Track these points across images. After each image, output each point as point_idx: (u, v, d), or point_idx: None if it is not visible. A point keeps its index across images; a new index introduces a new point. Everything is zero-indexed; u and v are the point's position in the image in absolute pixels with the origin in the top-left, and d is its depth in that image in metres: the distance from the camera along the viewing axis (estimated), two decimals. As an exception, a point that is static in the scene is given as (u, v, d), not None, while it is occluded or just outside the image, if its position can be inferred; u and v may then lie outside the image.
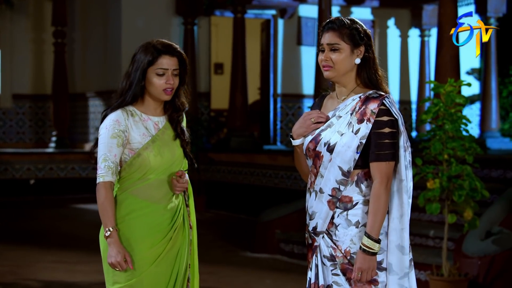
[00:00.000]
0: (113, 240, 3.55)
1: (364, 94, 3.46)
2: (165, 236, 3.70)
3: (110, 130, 3.61)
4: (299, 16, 15.26)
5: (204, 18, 15.07)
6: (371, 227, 3.36)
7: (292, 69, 15.29)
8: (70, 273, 7.93)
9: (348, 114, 3.45)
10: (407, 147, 3.45)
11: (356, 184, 3.44)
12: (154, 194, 3.68)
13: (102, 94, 15.55)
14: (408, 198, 3.45)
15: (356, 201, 3.43)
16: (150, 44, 3.72)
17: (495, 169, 8.36)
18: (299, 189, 11.16)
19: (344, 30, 3.44)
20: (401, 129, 3.43)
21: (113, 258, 3.55)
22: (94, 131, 15.68)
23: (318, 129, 3.51)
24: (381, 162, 3.38)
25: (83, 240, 10.04)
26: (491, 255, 6.92)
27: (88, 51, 16.10)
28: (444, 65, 9.44)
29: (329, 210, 3.45)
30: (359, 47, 3.45)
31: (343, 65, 3.45)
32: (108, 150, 3.59)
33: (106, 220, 3.57)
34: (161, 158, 3.67)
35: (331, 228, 3.46)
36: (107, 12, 15.30)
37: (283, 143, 15.19)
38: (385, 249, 3.43)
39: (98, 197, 3.60)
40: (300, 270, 8.42)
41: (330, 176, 3.44)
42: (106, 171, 3.58)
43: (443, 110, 6.62)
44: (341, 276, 3.44)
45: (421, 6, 15.19)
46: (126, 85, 3.67)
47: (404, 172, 3.43)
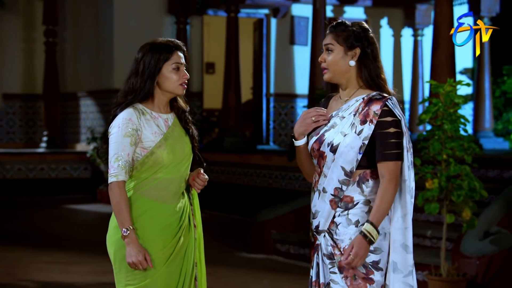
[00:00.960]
0: (132, 240, 3.54)
1: (367, 96, 3.52)
2: (175, 236, 3.71)
3: (123, 128, 3.58)
4: (292, 16, 15.24)
5: (197, 17, 15.04)
6: (374, 215, 3.42)
7: (285, 68, 15.27)
8: (66, 273, 7.87)
9: (351, 115, 3.52)
10: (409, 148, 3.51)
11: (358, 184, 3.50)
12: (163, 194, 3.67)
13: (93, 94, 15.49)
14: (411, 198, 3.51)
15: (357, 201, 3.49)
16: (158, 42, 3.70)
17: (491, 169, 8.35)
18: (293, 189, 11.14)
19: (340, 32, 3.54)
20: (404, 130, 3.49)
21: (133, 258, 3.53)
22: (85, 131, 15.61)
23: (323, 129, 3.57)
24: (389, 161, 3.44)
25: (78, 241, 9.99)
26: (490, 255, 6.91)
27: (80, 51, 16.03)
28: (440, 64, 9.45)
29: (331, 210, 3.51)
30: (354, 49, 3.52)
31: (336, 66, 3.54)
32: (121, 149, 3.57)
33: (123, 219, 3.55)
34: (173, 156, 3.68)
35: (332, 227, 3.52)
36: (98, 11, 15.24)
37: (276, 143, 15.17)
38: (383, 250, 3.49)
39: (112, 196, 3.56)
40: (297, 270, 8.40)
41: (333, 176, 3.50)
42: (120, 170, 3.56)
43: (442, 110, 6.60)
44: (338, 274, 3.49)
45: (414, 5, 15.20)
46: (138, 83, 3.65)
47: (407, 172, 3.50)
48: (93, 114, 15.50)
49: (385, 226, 3.48)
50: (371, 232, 3.40)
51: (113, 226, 3.69)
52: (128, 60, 14.69)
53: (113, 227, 3.69)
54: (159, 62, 3.65)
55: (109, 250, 3.73)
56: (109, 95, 14.80)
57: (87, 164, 15.02)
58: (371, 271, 3.47)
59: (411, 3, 15.20)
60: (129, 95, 3.66)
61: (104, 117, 15.03)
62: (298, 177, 11.12)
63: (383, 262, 3.50)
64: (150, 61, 3.64)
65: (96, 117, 15.37)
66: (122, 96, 3.69)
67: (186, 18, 14.65)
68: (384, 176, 3.44)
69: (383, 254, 3.49)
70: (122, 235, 3.55)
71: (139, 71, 3.65)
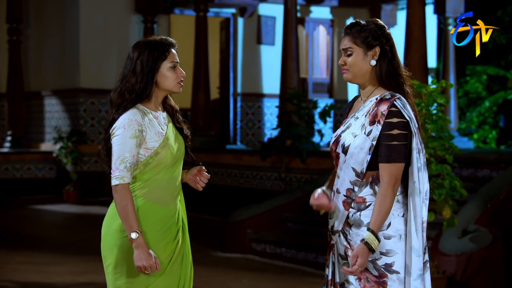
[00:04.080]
0: (141, 243, 3.46)
1: (380, 96, 3.48)
2: (175, 239, 3.67)
3: (128, 130, 3.50)
4: (259, 15, 15.26)
5: (164, 16, 14.99)
6: (373, 223, 3.38)
7: (252, 68, 15.28)
8: (43, 274, 7.78)
9: (363, 115, 3.49)
10: (421, 149, 3.46)
11: (371, 186, 3.46)
12: (162, 196, 3.62)
13: (59, 93, 15.33)
14: (420, 200, 3.44)
15: (369, 202, 3.45)
16: (153, 40, 3.63)
17: (465, 168, 8.46)
18: (265, 189, 11.16)
19: (357, 33, 3.50)
20: (414, 131, 3.44)
21: (144, 261, 3.45)
22: (50, 130, 15.44)
23: (340, 130, 3.56)
24: (390, 163, 3.40)
25: (49, 241, 9.88)
26: (468, 253, 7.00)
27: (44, 49, 15.84)
28: (412, 65, 9.49)
29: (344, 210, 3.48)
30: (373, 48, 3.48)
31: (357, 68, 3.50)
32: (127, 150, 3.49)
33: (131, 223, 3.46)
34: (173, 155, 3.63)
35: (346, 227, 3.49)
36: (64, 9, 15.08)
37: (243, 143, 15.17)
38: (398, 252, 3.44)
39: (119, 199, 3.48)
40: (274, 269, 8.42)
41: (345, 177, 3.49)
42: (126, 173, 3.48)
43: (424, 111, 6.67)
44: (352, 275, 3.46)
45: (379, 5, 15.32)
46: (137, 83, 3.56)
47: (416, 174, 3.44)
48: (58, 114, 15.33)
49: (400, 228, 3.45)
50: (372, 240, 3.36)
51: (113, 229, 3.58)
52: (95, 59, 14.78)
53: (113, 230, 3.58)
54: (158, 61, 3.59)
55: (106, 254, 3.62)
56: (75, 94, 14.67)
57: (52, 164, 14.86)
58: (384, 274, 3.42)
59: (376, 3, 15.32)
60: (126, 95, 3.57)
61: (70, 116, 14.88)
62: (270, 176, 11.14)
63: (399, 264, 3.44)
64: (148, 60, 3.57)
65: (61, 117, 15.21)
66: (118, 97, 3.59)
67: (153, 17, 14.59)
68: (383, 178, 3.40)
69: (397, 257, 3.43)
70: (130, 238, 3.46)
71: (137, 70, 3.57)
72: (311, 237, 8.73)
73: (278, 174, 10.85)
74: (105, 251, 3.63)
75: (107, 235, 3.62)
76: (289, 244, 8.75)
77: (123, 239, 3.54)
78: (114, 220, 3.59)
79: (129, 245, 3.52)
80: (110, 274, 3.61)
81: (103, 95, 14.65)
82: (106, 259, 3.63)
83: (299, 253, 8.61)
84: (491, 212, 7.37)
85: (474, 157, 8.63)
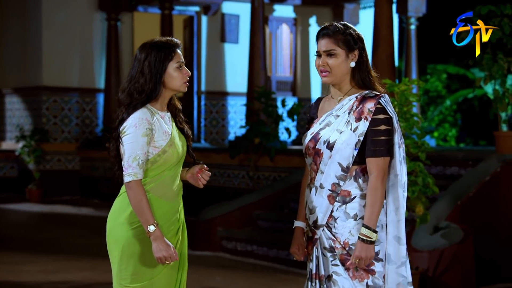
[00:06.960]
0: (159, 235, 3.57)
1: (360, 94, 3.68)
2: (176, 234, 3.77)
3: (140, 128, 3.61)
4: (222, 13, 15.29)
5: (127, 14, 14.93)
6: (369, 218, 3.57)
7: (216, 66, 15.30)
8: (15, 273, 7.72)
9: (346, 113, 3.67)
10: (401, 144, 3.66)
11: (355, 179, 3.65)
12: (167, 192, 3.73)
13: (20, 91, 15.17)
14: (403, 191, 3.67)
15: (354, 195, 3.64)
16: (159, 41, 3.73)
17: (434, 166, 8.59)
18: (232, 187, 11.19)
19: (339, 36, 3.67)
20: (396, 127, 3.65)
21: (164, 252, 3.55)
22: (12, 128, 15.27)
23: (317, 128, 3.72)
24: (378, 157, 3.60)
25: (17, 241, 9.79)
26: (440, 249, 7.12)
27: (5, 46, 15.65)
28: (380, 64, 9.65)
29: (329, 204, 3.66)
30: (354, 51, 3.68)
31: (339, 70, 3.68)
32: (139, 148, 3.60)
33: (147, 217, 3.57)
34: (178, 154, 3.74)
35: (330, 221, 3.66)
36: (25, 6, 14.93)
37: (207, 141, 15.19)
38: (382, 241, 3.64)
39: (133, 195, 3.58)
40: (246, 267, 8.46)
41: (330, 172, 3.65)
42: (138, 169, 3.60)
43: (397, 110, 6.77)
44: (340, 266, 3.64)
45: (342, 4, 15.44)
46: (146, 83, 3.68)
47: (398, 167, 3.65)
48: (19, 112, 15.17)
49: (381, 219, 3.63)
50: (368, 235, 3.55)
51: (119, 223, 3.67)
52: (58, 56, 14.66)
53: (119, 224, 3.67)
54: (165, 62, 3.70)
55: (113, 247, 3.70)
56: (38, 92, 14.53)
57: (14, 162, 14.71)
58: (372, 263, 3.61)
59: (339, 2, 15.44)
60: (135, 96, 3.67)
61: (32, 115, 14.74)
62: (237, 174, 11.18)
63: (383, 253, 3.64)
64: (156, 61, 3.69)
65: (23, 115, 15.05)
66: (127, 97, 3.69)
67: (116, 15, 14.53)
68: (372, 172, 3.59)
69: (382, 245, 3.63)
70: (147, 232, 3.57)
71: (145, 71, 3.68)
72: (282, 235, 8.79)
73: (246, 172, 10.89)
74: (111, 243, 3.72)
75: (113, 228, 3.71)
76: (260, 241, 8.80)
77: (129, 233, 3.65)
78: (120, 214, 3.70)
79: (134, 238, 3.63)
80: (116, 267, 3.71)
81: (66, 93, 14.54)
82: (112, 252, 3.72)
83: (270, 250, 8.66)
84: (461, 209, 7.51)
85: (442, 155, 8.77)
